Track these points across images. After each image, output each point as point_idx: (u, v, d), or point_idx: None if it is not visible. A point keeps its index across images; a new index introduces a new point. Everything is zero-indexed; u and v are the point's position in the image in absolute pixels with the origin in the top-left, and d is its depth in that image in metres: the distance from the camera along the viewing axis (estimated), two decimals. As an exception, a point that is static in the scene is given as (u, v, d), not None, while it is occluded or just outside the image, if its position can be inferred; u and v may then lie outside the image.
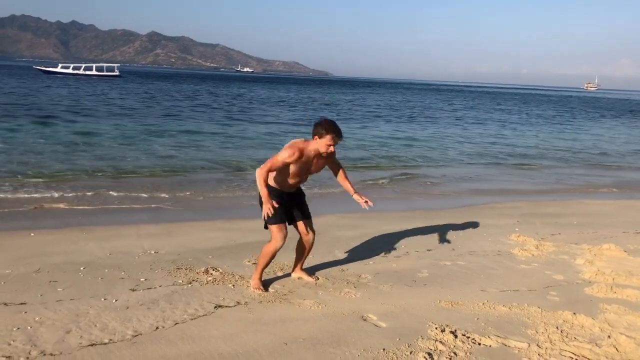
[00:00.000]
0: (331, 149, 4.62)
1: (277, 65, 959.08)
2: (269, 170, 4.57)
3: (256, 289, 4.83)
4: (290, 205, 4.90)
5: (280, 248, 4.78)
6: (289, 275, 5.26)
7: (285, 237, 4.76)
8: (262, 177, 4.52)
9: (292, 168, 4.64)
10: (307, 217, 5.03)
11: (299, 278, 5.20)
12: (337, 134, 4.58)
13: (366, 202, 4.85)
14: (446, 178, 13.03)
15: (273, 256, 4.84)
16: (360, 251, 6.25)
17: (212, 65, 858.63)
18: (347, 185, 5.03)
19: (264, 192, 4.51)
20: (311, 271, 5.38)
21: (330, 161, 4.92)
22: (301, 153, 4.59)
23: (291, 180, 4.77)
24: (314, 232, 5.08)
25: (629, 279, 5.46)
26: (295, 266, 5.27)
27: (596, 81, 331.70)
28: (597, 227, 8.03)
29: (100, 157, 13.19)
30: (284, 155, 4.55)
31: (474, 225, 7.76)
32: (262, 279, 4.98)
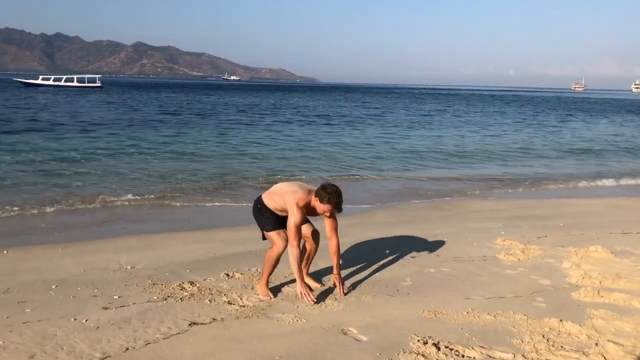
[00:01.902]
0: (327, 214, 4.78)
1: (263, 73, 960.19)
2: (298, 241, 4.74)
3: (265, 296, 4.88)
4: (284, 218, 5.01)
5: (282, 252, 4.87)
6: (272, 288, 5.09)
7: (285, 240, 4.83)
8: (296, 256, 4.69)
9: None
10: (308, 221, 5.11)
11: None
12: (337, 206, 4.72)
13: (341, 292, 4.97)
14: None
15: (277, 261, 4.94)
16: (343, 260, 6.07)
17: (198, 74, 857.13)
18: (334, 260, 5.04)
19: (298, 273, 4.74)
20: (292, 282, 5.23)
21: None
22: (307, 207, 4.77)
23: None
24: (318, 234, 5.18)
25: (616, 282, 5.36)
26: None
27: (583, 82, 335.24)
28: (584, 228, 7.94)
29: (80, 169, 12.95)
30: (299, 220, 4.69)
31: (459, 229, 7.65)
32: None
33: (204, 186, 11.42)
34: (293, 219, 4.67)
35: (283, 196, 4.81)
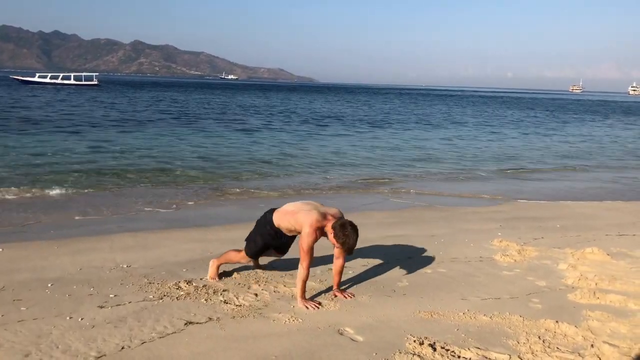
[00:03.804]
0: (336, 247, 4.73)
1: (262, 72, 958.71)
2: (310, 263, 4.69)
3: (212, 278, 5.22)
4: (281, 244, 5.18)
5: (241, 263, 5.49)
6: (265, 287, 5.09)
7: (249, 262, 5.48)
8: (303, 277, 4.68)
9: None
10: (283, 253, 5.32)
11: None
12: (349, 250, 4.67)
13: (345, 296, 4.95)
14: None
15: (233, 262, 5.41)
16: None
17: (196, 73, 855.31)
18: (335, 278, 5.03)
19: (302, 290, 4.69)
20: (288, 282, 5.24)
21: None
22: (321, 230, 4.71)
23: None
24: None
25: (612, 284, 5.37)
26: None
27: (581, 84, 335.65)
28: (581, 229, 7.96)
29: (74, 167, 12.93)
30: (312, 241, 4.64)
31: (456, 230, 7.66)
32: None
33: (201, 186, 11.41)
34: (307, 239, 4.59)
35: (296, 215, 4.75)
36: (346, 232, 4.57)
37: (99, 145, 17.10)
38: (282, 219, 4.88)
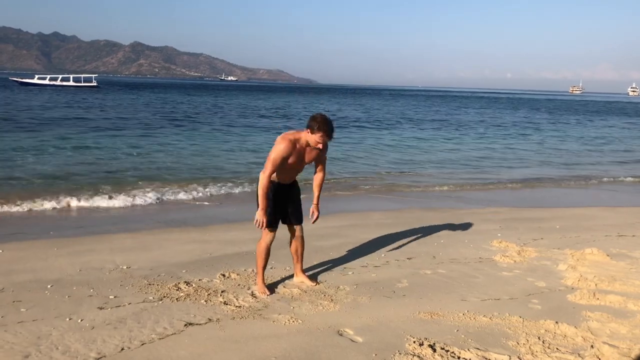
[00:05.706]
0: (320, 145, 4.73)
1: (261, 74, 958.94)
2: (272, 173, 4.70)
3: (262, 293, 4.91)
4: (286, 204, 5.01)
5: (271, 242, 4.97)
6: (269, 286, 5.09)
7: (273, 234, 4.96)
8: (265, 186, 4.71)
9: (288, 160, 4.73)
10: (298, 222, 5.14)
11: (301, 282, 5.27)
12: (327, 133, 4.66)
13: (314, 219, 5.08)
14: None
15: (267, 252, 4.98)
16: (339, 261, 6.10)
17: (196, 74, 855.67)
18: (315, 192, 5.13)
19: (263, 202, 4.71)
20: (288, 283, 5.24)
21: (320, 155, 4.96)
22: (294, 144, 4.71)
23: (288, 174, 4.89)
24: (302, 229, 5.19)
25: (612, 285, 5.37)
26: (295, 270, 5.35)
27: (580, 85, 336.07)
28: (580, 230, 7.96)
29: (76, 166, 12.93)
30: (280, 150, 4.64)
31: (456, 231, 7.66)
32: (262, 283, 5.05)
33: (198, 186, 11.40)
34: (275, 148, 4.64)
35: (274, 155, 4.69)
36: (317, 119, 4.64)
37: (95, 147, 17.09)
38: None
